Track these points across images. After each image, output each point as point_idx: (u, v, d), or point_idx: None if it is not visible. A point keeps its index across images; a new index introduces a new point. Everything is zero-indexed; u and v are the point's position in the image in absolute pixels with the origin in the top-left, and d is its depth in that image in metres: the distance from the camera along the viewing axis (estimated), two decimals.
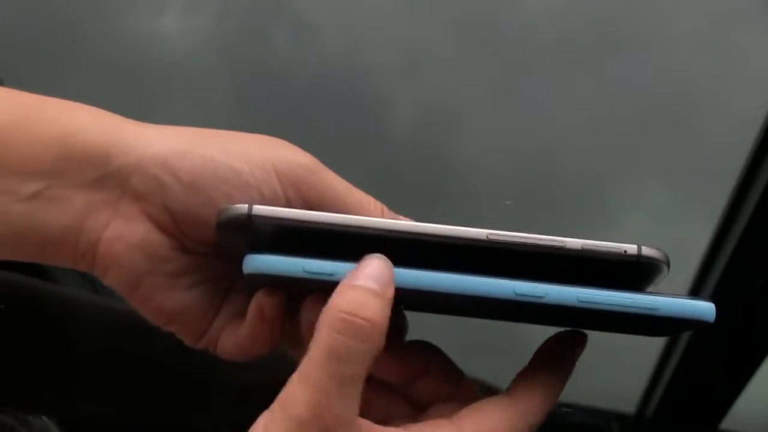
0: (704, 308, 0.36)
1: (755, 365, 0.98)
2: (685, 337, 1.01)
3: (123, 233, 0.41)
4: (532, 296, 0.34)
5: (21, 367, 0.65)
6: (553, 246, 0.35)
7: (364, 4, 1.01)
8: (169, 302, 0.42)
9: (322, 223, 0.37)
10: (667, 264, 0.37)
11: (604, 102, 0.99)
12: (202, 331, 0.43)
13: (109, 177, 0.41)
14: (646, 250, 0.36)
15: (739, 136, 0.90)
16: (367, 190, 0.43)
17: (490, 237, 0.35)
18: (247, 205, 0.37)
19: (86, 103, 0.44)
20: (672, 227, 0.99)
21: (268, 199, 0.40)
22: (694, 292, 1.00)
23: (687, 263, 0.96)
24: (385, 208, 0.43)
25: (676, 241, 0.99)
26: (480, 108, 0.98)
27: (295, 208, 0.39)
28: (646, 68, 0.97)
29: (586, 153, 0.99)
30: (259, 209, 0.37)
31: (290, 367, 0.37)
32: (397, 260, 0.35)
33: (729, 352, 0.99)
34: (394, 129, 0.97)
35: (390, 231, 0.36)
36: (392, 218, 0.42)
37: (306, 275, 0.36)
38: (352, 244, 0.36)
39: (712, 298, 0.37)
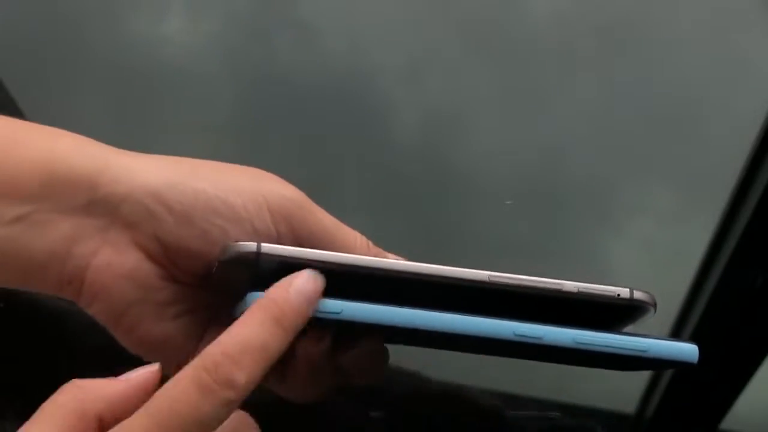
0: (689, 351, 0.39)
1: (755, 365, 0.98)
2: (685, 336, 1.01)
3: (112, 262, 0.40)
4: (531, 337, 0.36)
5: (21, 367, 0.65)
6: (551, 289, 0.38)
7: (367, 7, 1.01)
8: (154, 332, 0.42)
9: (331, 263, 0.37)
10: (654, 306, 0.40)
11: (608, 105, 0.99)
12: (182, 361, 0.43)
13: (98, 203, 0.40)
14: (638, 294, 0.39)
15: (744, 138, 0.91)
16: (371, 193, 0.43)
17: (492, 279, 0.37)
18: (255, 244, 0.37)
19: (92, 108, 0.44)
20: (676, 230, 0.99)
21: (261, 234, 0.40)
22: (694, 293, 1.00)
23: (690, 266, 0.97)
24: (370, 243, 0.43)
25: (680, 244, 1.00)
26: (484, 111, 0.98)
27: (286, 242, 0.40)
28: (649, 71, 0.98)
29: (590, 156, 0.99)
30: (269, 248, 0.37)
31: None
32: (402, 299, 0.36)
33: (729, 352, 1.00)
34: (397, 132, 0.97)
35: (399, 272, 0.37)
36: (377, 253, 0.42)
37: (316, 314, 0.36)
38: (359, 283, 0.37)
39: (710, 298, 0.39)
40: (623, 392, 1.08)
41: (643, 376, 1.07)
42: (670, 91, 0.98)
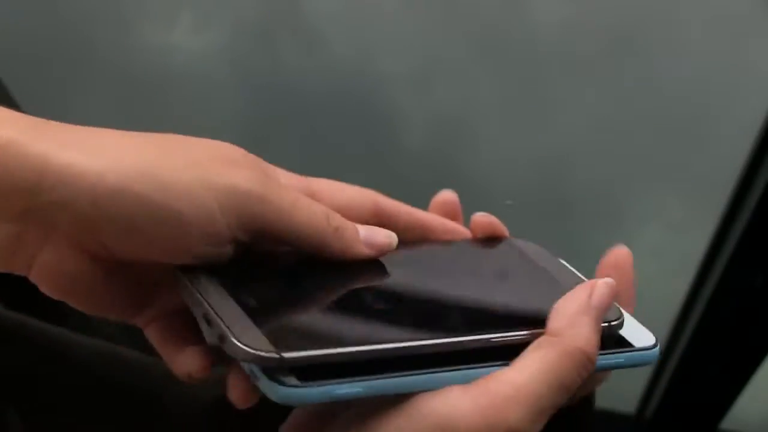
0: (651, 356, 0.41)
1: (755, 365, 0.98)
2: (685, 337, 1.01)
3: (54, 267, 0.39)
4: None
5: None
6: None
7: (376, 15, 1.01)
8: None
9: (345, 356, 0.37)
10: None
11: (614, 112, 0.99)
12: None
13: (36, 212, 0.38)
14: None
15: (750, 142, 0.91)
16: None
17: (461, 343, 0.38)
18: (277, 355, 0.36)
19: (100, 113, 0.42)
20: (683, 237, 0.99)
21: (212, 238, 0.39)
22: (695, 293, 1.00)
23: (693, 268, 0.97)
24: (330, 216, 0.42)
25: (687, 250, 0.99)
26: (491, 117, 0.98)
27: (241, 239, 0.39)
28: (655, 78, 0.98)
29: (597, 163, 0.99)
30: (292, 357, 0.36)
31: None
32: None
33: (729, 352, 1.00)
34: (406, 139, 0.97)
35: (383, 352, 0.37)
36: (337, 223, 0.42)
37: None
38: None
39: (711, 297, 0.40)
40: (623, 392, 1.08)
41: (643, 376, 1.07)
42: (676, 98, 0.98)
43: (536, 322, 0.38)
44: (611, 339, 0.40)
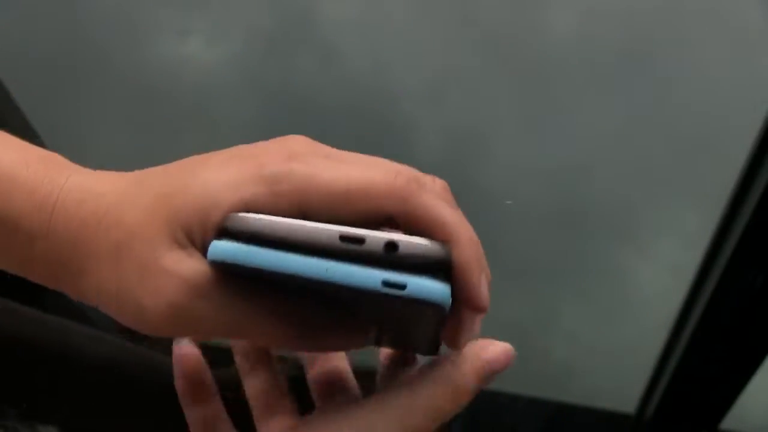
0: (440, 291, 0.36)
1: (755, 365, 0.98)
2: (685, 336, 1.01)
3: None
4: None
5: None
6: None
7: (390, 28, 1.00)
8: None
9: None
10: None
11: (632, 124, 0.98)
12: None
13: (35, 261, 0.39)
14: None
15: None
16: None
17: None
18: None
19: (114, 125, 0.43)
20: (699, 251, 0.98)
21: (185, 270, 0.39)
22: (695, 292, 1.00)
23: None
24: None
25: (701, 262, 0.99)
26: (506, 131, 0.97)
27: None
28: (674, 91, 0.97)
29: (614, 175, 0.99)
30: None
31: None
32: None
33: (729, 352, 1.00)
34: (420, 151, 0.96)
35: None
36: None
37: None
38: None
39: (711, 297, 0.39)
40: (623, 392, 1.08)
41: (643, 376, 1.07)
42: (692, 111, 0.97)
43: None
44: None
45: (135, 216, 0.38)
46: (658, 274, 0.99)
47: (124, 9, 1.01)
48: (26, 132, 0.86)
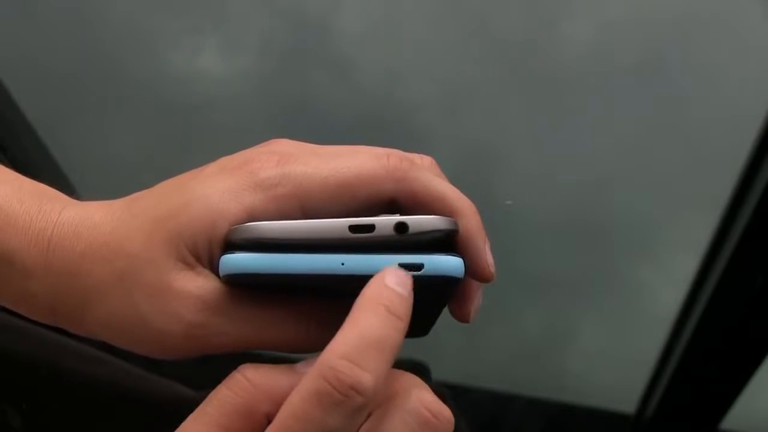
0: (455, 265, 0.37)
1: (755, 365, 0.98)
2: (685, 336, 1.01)
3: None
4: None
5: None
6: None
7: (405, 40, 1.00)
8: None
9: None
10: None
11: (650, 138, 0.98)
12: None
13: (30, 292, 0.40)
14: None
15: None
16: None
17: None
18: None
19: (130, 141, 0.42)
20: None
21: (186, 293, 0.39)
22: (695, 292, 1.00)
23: None
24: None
25: None
26: (524, 144, 0.97)
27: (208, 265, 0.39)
28: (693, 106, 0.97)
29: (632, 190, 0.98)
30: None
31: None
32: None
33: (729, 352, 1.00)
34: None
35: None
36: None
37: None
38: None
39: (711, 297, 0.39)
40: (623, 392, 1.08)
41: (643, 376, 1.07)
42: (711, 125, 0.97)
43: None
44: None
45: (135, 243, 0.37)
46: (674, 287, 0.99)
47: (138, 23, 1.00)
48: (37, 149, 0.86)
